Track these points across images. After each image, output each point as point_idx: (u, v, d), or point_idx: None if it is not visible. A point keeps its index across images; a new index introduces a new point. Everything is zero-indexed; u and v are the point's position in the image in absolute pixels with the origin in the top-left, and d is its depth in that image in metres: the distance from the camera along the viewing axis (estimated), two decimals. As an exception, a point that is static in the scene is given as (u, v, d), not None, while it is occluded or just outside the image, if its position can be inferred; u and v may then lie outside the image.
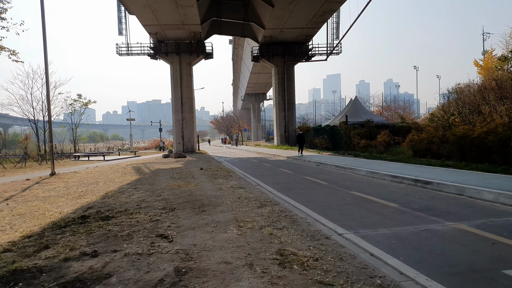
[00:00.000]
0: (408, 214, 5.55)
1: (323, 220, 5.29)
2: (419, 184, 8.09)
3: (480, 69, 33.61)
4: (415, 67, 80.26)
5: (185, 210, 6.37)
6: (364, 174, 10.57)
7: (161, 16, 24.67)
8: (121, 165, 18.63)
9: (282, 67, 31.56)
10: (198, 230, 4.96)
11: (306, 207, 6.24)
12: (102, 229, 5.19)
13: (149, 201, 7.46)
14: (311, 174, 11.38)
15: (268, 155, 23.60)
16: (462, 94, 18.17)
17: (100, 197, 8.20)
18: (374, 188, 8.17)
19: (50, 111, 14.99)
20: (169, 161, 21.15)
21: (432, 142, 14.86)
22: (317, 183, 9.36)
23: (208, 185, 9.71)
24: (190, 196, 7.83)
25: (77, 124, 39.45)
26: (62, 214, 6.46)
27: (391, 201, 6.51)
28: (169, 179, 11.27)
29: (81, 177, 12.99)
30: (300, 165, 15.40)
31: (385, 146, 19.22)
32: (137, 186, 9.94)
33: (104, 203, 7.43)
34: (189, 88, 30.62)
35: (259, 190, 8.53)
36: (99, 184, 10.84)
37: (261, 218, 5.50)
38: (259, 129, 70.66)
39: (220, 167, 15.31)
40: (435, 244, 4.04)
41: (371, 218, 5.39)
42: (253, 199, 7.18)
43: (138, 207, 6.77)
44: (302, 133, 21.96)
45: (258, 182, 10.08)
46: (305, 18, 25.67)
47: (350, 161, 14.10)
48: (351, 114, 25.53)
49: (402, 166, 11.48)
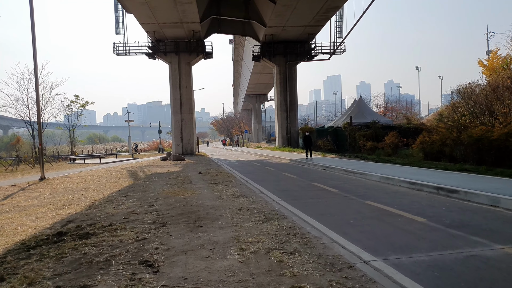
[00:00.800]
0: (441, 232, 4.67)
1: (341, 240, 4.42)
2: (442, 192, 7.21)
3: (485, 69, 32.77)
4: (417, 67, 79.50)
5: (178, 225, 5.50)
6: (377, 180, 9.69)
7: (159, 13, 23.86)
8: (116, 169, 17.78)
9: (284, 67, 30.72)
10: (191, 254, 4.09)
11: (318, 222, 5.36)
12: (77, 251, 4.33)
13: (138, 212, 6.59)
14: (319, 180, 10.50)
15: (270, 157, 22.73)
16: (473, 94, 17.33)
17: (86, 207, 7.34)
18: (392, 197, 7.29)
19: (39, 111, 14.17)
20: (167, 164, 20.29)
21: (445, 144, 13.99)
22: (327, 191, 8.48)
23: (206, 192, 8.85)
24: (185, 207, 6.96)
25: (74, 125, 38.68)
26: (37, 229, 5.60)
27: (416, 214, 5.63)
28: (165, 185, 10.41)
29: (71, 183, 12.13)
30: (305, 169, 14.52)
31: (393, 148, 18.35)
32: (129, 193, 9.07)
33: (88, 215, 6.56)
34: (188, 89, 29.78)
35: (262, 199, 7.66)
36: (89, 191, 9.98)
37: (267, 237, 4.63)
38: (260, 131, 69.83)
39: (220, 171, 14.44)
40: (495, 279, 3.16)
41: (398, 237, 4.51)
42: (257, 211, 6.31)
43: (125, 221, 5.91)
44: (309, 134, 20.50)
45: (260, 188, 9.21)
46: (308, 15, 24.82)
47: (359, 165, 13.22)
48: (356, 115, 24.68)
49: (416, 170, 10.59)
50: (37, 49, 13.14)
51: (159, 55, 29.29)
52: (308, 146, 19.42)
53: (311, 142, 19.85)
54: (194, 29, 26.90)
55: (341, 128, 24.33)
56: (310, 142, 19.57)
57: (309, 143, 19.47)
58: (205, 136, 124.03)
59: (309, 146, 19.42)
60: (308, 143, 19.42)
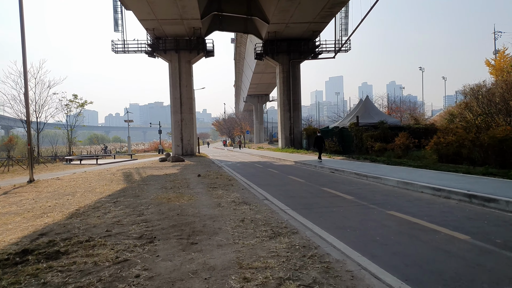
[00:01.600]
0: (497, 256, 3.72)
1: (372, 266, 3.48)
2: (476, 201, 6.26)
3: (492, 69, 31.75)
4: (421, 68, 78.40)
5: (169, 241, 4.57)
6: (394, 185, 8.74)
7: (158, 9, 22.98)
8: (112, 170, 16.88)
9: (287, 65, 29.77)
10: (180, 286, 3.16)
11: (338, 240, 4.42)
12: (36, 279, 3.41)
13: (125, 223, 5.67)
14: (329, 184, 9.55)
15: (273, 159, 21.77)
16: (488, 93, 16.36)
17: (67, 216, 6.42)
18: (417, 206, 6.34)
19: (28, 107, 13.28)
20: (165, 165, 19.37)
21: (462, 146, 13.01)
22: (341, 198, 7.53)
23: (205, 198, 7.92)
24: (179, 217, 6.03)
25: (73, 125, 37.82)
26: (0, 245, 4.68)
27: (455, 230, 4.69)
28: (159, 190, 9.49)
29: (61, 186, 11.23)
30: (312, 171, 13.57)
31: (404, 150, 17.38)
32: (119, 199, 8.15)
33: (67, 226, 5.64)
34: (189, 88, 28.87)
35: (267, 207, 6.72)
36: (76, 195, 9.07)
37: (277, 261, 3.69)
38: (262, 131, 68.86)
39: (221, 174, 13.51)
40: None
41: (444, 262, 3.57)
42: (262, 223, 5.38)
43: (107, 234, 4.99)
44: (321, 135, 18.65)
45: (265, 194, 8.27)
46: (313, 11, 23.88)
47: (371, 168, 12.26)
48: (362, 114, 23.70)
49: (436, 174, 9.62)
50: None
51: (159, 53, 28.40)
52: (320, 147, 17.86)
53: (323, 143, 18.27)
54: (195, 26, 26.01)
55: (346, 129, 23.36)
56: (322, 143, 18.01)
57: (321, 144, 17.90)
58: (206, 137, 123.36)
59: (321, 147, 17.87)
60: (320, 144, 17.83)
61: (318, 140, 17.97)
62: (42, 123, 33.69)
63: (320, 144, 17.84)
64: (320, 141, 17.88)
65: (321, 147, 17.92)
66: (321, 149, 18.01)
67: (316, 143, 18.16)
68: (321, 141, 17.90)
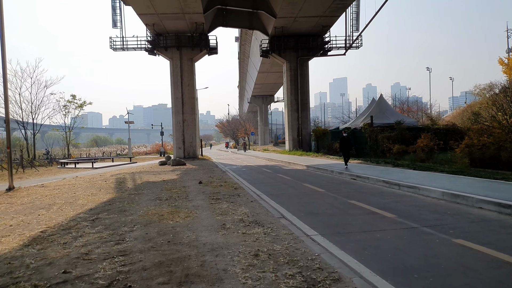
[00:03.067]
0: None
1: None
2: None
3: (506, 67, 30.05)
4: (428, 68, 76.55)
5: (148, 298, 3.00)
6: (439, 197, 7.11)
7: (158, 2, 21.53)
8: (106, 175, 15.37)
9: (294, 63, 28.18)
10: None
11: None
12: None
13: (94, 257, 4.11)
14: (356, 196, 7.93)
15: (282, 162, 20.16)
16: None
17: (23, 243, 4.89)
18: (490, 232, 4.73)
19: (7, 100, 11.78)
20: (164, 170, 17.84)
21: (502, 148, 11.35)
22: (379, 216, 5.91)
23: (205, 215, 6.34)
24: (170, 246, 4.46)
25: (71, 127, 36.44)
26: None
27: None
28: (152, 202, 7.93)
29: (41, 195, 9.71)
30: (329, 178, 11.95)
31: (427, 153, 15.70)
32: (100, 215, 6.61)
33: (13, 261, 4.10)
34: (191, 87, 27.38)
35: (287, 230, 5.13)
36: (52, 208, 7.55)
37: None
38: (267, 133, 67.29)
39: (225, 180, 11.95)
40: None
41: None
42: (284, 260, 3.80)
43: (62, 280, 3.43)
44: (347, 135, 15.47)
45: (280, 209, 6.69)
46: (323, 3, 22.26)
47: (398, 174, 10.63)
48: (376, 114, 22.04)
49: (485, 183, 7.96)
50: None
51: (159, 50, 26.95)
52: (347, 150, 14.83)
53: (350, 145, 15.21)
54: (197, 21, 24.52)
55: (359, 130, 21.72)
56: (349, 146, 14.98)
57: (348, 148, 14.89)
58: (210, 139, 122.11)
59: (347, 152, 14.83)
60: (347, 146, 14.82)
61: (345, 142, 14.90)
62: (38, 125, 32.38)
63: (347, 146, 14.82)
64: (347, 143, 14.83)
65: (349, 150, 14.99)
66: (349, 153, 15.04)
67: (342, 146, 15.19)
68: (348, 143, 14.86)
